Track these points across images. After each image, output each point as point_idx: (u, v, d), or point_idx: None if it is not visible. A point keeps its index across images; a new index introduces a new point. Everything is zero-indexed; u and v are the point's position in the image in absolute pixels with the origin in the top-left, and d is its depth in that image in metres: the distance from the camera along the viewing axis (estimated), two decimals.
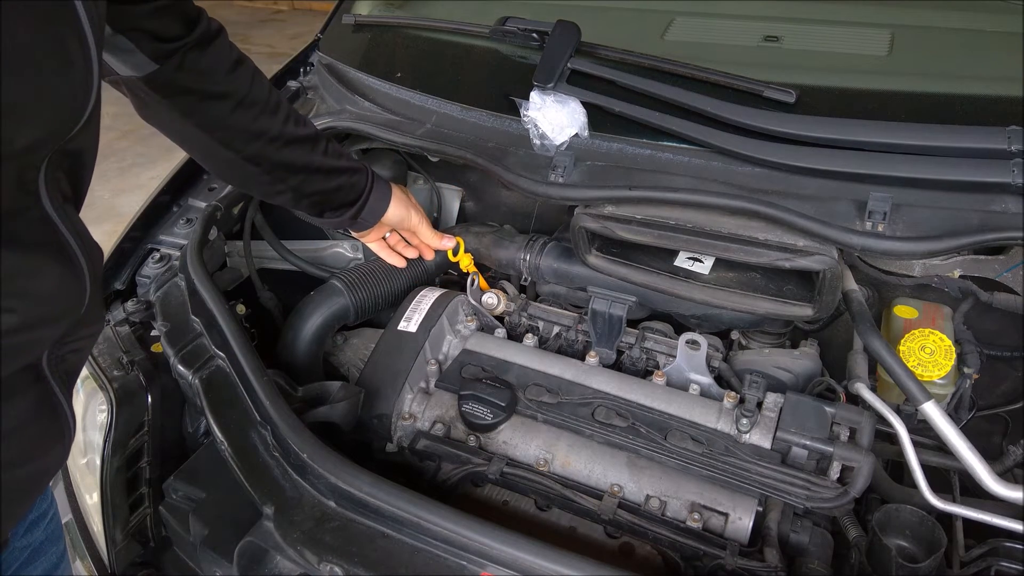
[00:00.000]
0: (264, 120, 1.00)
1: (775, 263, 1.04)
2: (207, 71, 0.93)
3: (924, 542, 0.91)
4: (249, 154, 1.01)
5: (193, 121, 0.96)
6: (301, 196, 1.09)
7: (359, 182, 1.13)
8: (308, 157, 1.06)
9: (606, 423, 1.04)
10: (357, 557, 0.82)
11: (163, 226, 1.37)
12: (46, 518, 0.96)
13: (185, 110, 0.95)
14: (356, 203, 1.13)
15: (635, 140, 1.18)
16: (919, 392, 0.96)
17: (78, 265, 0.74)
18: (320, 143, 1.07)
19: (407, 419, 1.10)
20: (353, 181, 1.12)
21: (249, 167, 1.03)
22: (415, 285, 1.34)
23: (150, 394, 1.11)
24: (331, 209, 1.13)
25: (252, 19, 7.42)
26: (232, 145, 1.00)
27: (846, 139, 1.05)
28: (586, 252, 1.19)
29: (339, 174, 1.10)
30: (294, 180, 1.06)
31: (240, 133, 0.99)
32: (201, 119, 0.97)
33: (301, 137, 1.05)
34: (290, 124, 1.03)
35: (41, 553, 0.95)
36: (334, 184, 1.10)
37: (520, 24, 1.34)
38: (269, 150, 1.02)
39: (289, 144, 1.03)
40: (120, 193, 4.15)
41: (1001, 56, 1.21)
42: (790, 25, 1.37)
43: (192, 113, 0.95)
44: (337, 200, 1.13)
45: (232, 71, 0.96)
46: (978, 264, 1.17)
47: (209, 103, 0.96)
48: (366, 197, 1.14)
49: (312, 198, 1.10)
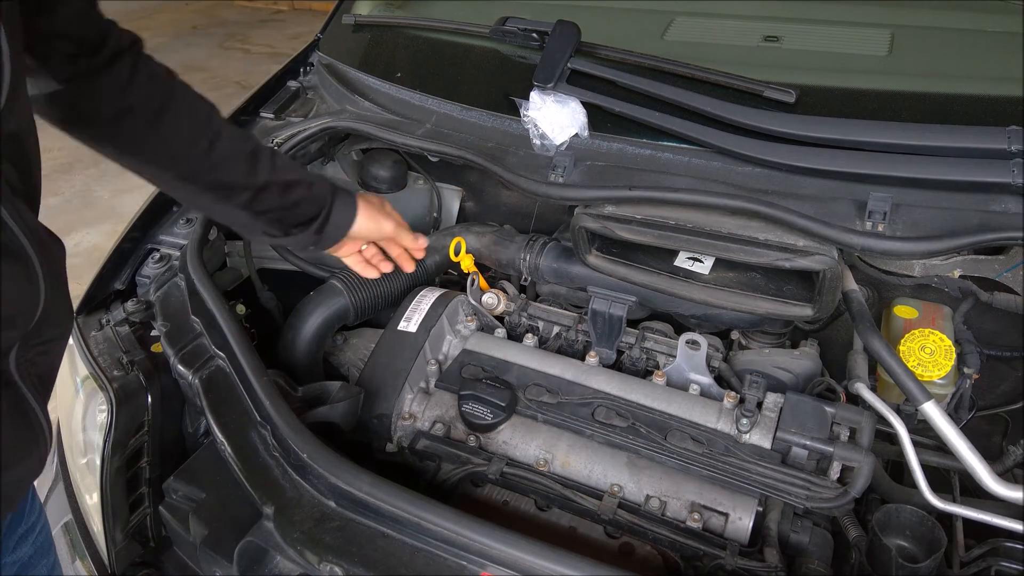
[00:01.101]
0: (190, 134, 0.93)
1: (775, 263, 1.04)
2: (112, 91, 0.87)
3: (924, 542, 0.91)
4: (181, 173, 0.95)
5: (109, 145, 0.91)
6: (256, 214, 1.01)
7: (319, 194, 1.05)
8: (250, 171, 0.98)
9: (606, 423, 1.04)
10: (357, 557, 0.82)
11: (163, 226, 1.37)
12: (34, 532, 0.94)
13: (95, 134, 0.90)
14: (318, 217, 1.05)
15: (635, 140, 1.18)
16: (919, 392, 0.96)
17: (30, 265, 0.70)
18: (262, 156, 0.99)
19: (407, 419, 1.10)
20: (313, 194, 1.04)
21: (187, 185, 0.96)
22: (415, 285, 1.34)
23: (150, 394, 1.11)
24: (293, 226, 1.04)
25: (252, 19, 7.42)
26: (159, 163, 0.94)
27: (846, 139, 1.05)
28: (586, 252, 1.19)
29: (294, 188, 1.02)
30: (241, 197, 0.98)
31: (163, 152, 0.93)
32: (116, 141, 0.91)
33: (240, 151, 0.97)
34: (224, 139, 0.96)
35: (30, 568, 0.93)
36: (290, 199, 1.02)
37: (520, 24, 1.34)
38: (202, 168, 0.95)
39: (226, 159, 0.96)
40: (120, 193, 4.15)
41: (1001, 56, 1.21)
42: (790, 25, 1.37)
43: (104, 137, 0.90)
44: (298, 216, 1.04)
45: (147, 84, 0.90)
46: (978, 264, 1.17)
47: (119, 123, 0.90)
48: (328, 209, 1.05)
49: (269, 215, 1.01)
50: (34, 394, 0.76)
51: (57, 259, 0.77)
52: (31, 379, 0.76)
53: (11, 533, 0.90)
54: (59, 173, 4.37)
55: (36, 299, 0.72)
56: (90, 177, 4.32)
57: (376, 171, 1.49)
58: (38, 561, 0.95)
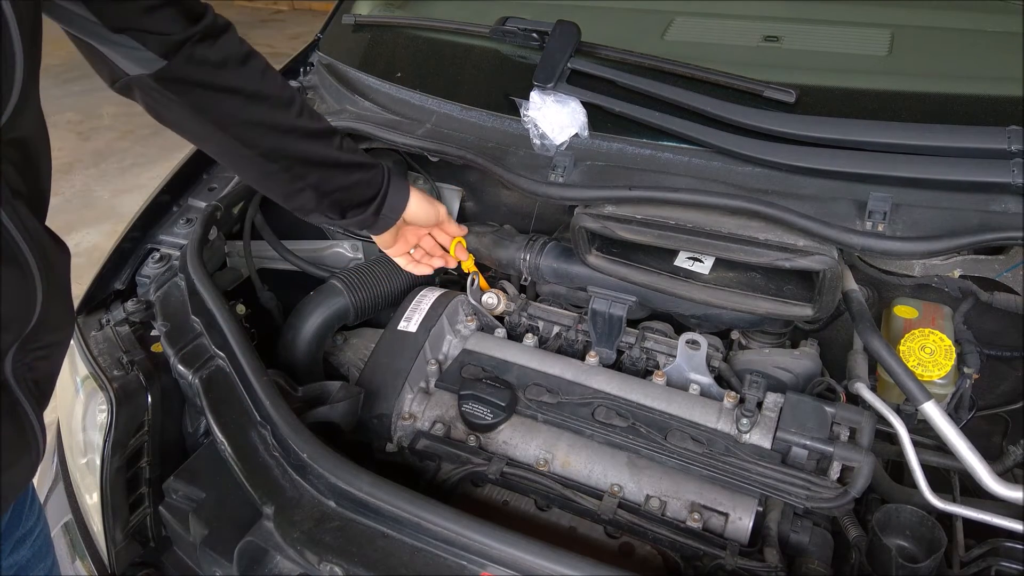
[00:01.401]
0: (278, 114, 0.98)
1: (775, 263, 1.04)
2: (217, 65, 0.91)
3: (924, 542, 0.91)
4: (265, 150, 0.99)
5: (206, 117, 0.94)
6: (322, 194, 1.06)
7: (376, 177, 1.10)
8: (325, 151, 1.03)
9: (606, 423, 1.04)
10: (357, 557, 0.82)
11: (163, 226, 1.37)
12: (32, 535, 0.94)
13: (197, 106, 0.93)
14: (376, 198, 1.10)
15: (635, 140, 1.18)
16: (919, 392, 0.96)
17: (26, 269, 0.70)
18: (335, 138, 1.05)
19: (407, 419, 1.10)
20: (370, 176, 1.09)
21: (267, 164, 1.00)
22: (415, 285, 1.34)
23: (150, 394, 1.11)
24: (353, 207, 1.09)
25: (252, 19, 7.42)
26: (248, 141, 0.97)
27: (846, 139, 1.05)
28: (586, 252, 1.19)
29: (356, 169, 1.07)
30: (313, 176, 1.04)
31: (254, 128, 0.97)
32: (214, 115, 0.94)
33: (316, 131, 1.02)
34: (304, 118, 1.01)
35: (28, 570, 0.93)
36: (353, 179, 1.07)
37: (520, 24, 1.34)
38: (285, 145, 1.00)
39: (305, 138, 1.01)
40: (120, 193, 4.15)
41: (1001, 56, 1.21)
42: (790, 25, 1.37)
43: (205, 109, 0.93)
44: (358, 197, 1.09)
45: (242, 64, 0.94)
46: (978, 264, 1.17)
47: (221, 97, 0.93)
48: (385, 191, 1.11)
49: (333, 196, 1.07)
50: (29, 399, 0.76)
51: (59, 264, 0.77)
52: (27, 384, 0.75)
53: (8, 536, 0.90)
54: (59, 173, 4.37)
55: (32, 304, 0.72)
56: (90, 177, 4.33)
57: None
58: (36, 564, 0.95)
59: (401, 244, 1.22)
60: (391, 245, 1.21)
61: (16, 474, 0.78)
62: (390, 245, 1.21)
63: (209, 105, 0.93)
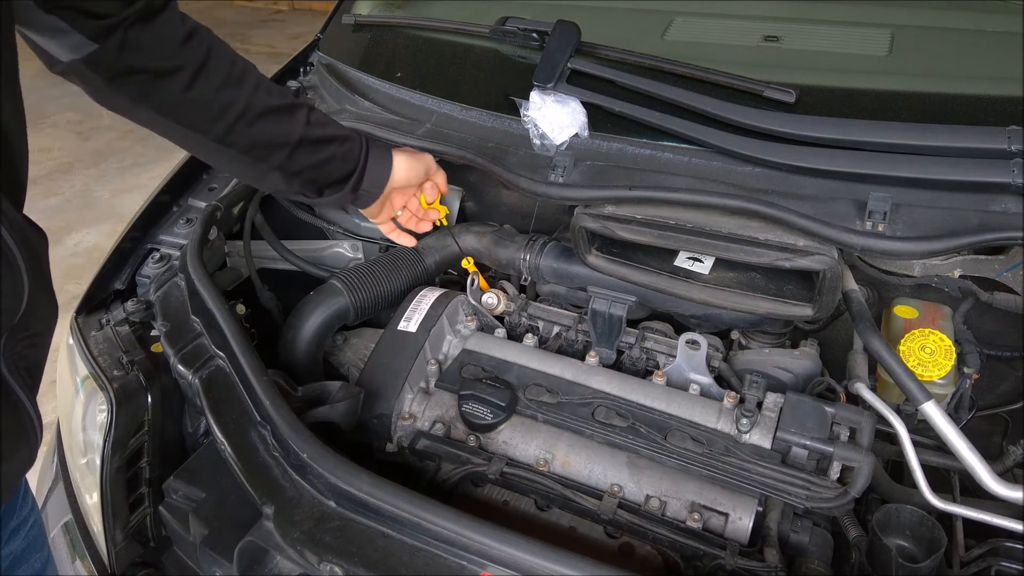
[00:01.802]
0: (227, 93, 0.90)
1: (775, 263, 1.04)
2: (153, 46, 0.84)
3: (924, 542, 0.91)
4: (218, 134, 0.92)
5: (147, 104, 0.88)
6: (291, 175, 0.99)
7: (352, 150, 1.02)
8: (286, 129, 0.95)
9: (606, 423, 1.04)
10: (357, 557, 0.82)
11: (163, 226, 1.37)
12: (27, 525, 0.94)
13: (135, 94, 0.86)
14: (353, 174, 1.02)
15: (635, 140, 1.18)
16: (919, 392, 0.96)
17: (12, 261, 0.70)
18: (299, 112, 0.97)
19: (407, 419, 1.10)
20: (345, 150, 1.02)
21: (223, 149, 0.94)
22: (415, 285, 1.34)
23: (150, 394, 1.11)
24: (329, 185, 1.02)
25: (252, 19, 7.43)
26: (196, 126, 0.90)
27: (846, 139, 1.05)
28: (586, 252, 1.19)
29: (327, 144, 1.00)
30: (276, 158, 0.96)
31: (201, 112, 0.90)
32: (155, 100, 0.88)
33: (275, 108, 0.95)
34: (260, 94, 0.93)
35: (23, 561, 0.93)
36: (324, 155, 0.99)
37: (520, 24, 1.34)
38: (239, 127, 0.92)
39: (261, 117, 0.93)
40: (120, 193, 4.15)
41: (1001, 56, 1.21)
42: (790, 25, 1.37)
43: (144, 95, 0.87)
44: (333, 174, 1.02)
45: (183, 44, 0.87)
46: (978, 264, 1.17)
47: (160, 82, 0.86)
48: (363, 165, 1.03)
49: (303, 175, 0.99)
50: (22, 387, 0.76)
51: (40, 253, 0.76)
52: (19, 372, 0.75)
53: (3, 527, 0.90)
54: (59, 173, 4.37)
55: (20, 294, 0.72)
56: (90, 177, 4.33)
57: None
58: (31, 555, 0.95)
59: (387, 211, 1.15)
60: (377, 214, 1.14)
61: (16, 463, 0.78)
62: (376, 214, 1.14)
63: (148, 90, 0.87)
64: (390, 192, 1.10)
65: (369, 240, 1.51)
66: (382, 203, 1.11)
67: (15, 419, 0.75)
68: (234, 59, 0.92)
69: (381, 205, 1.12)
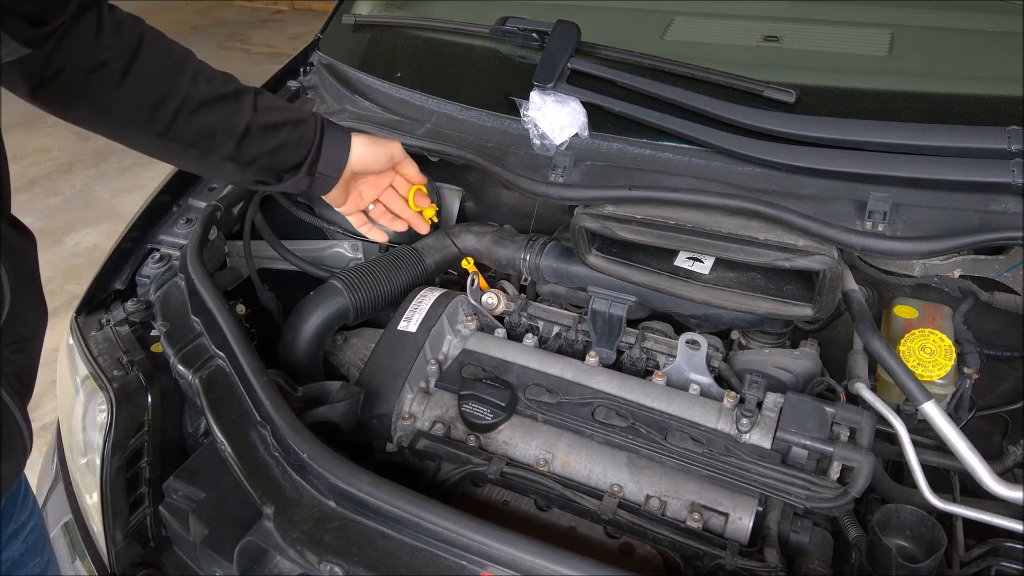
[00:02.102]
0: (163, 84, 0.86)
1: (775, 263, 1.04)
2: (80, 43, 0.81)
3: (924, 542, 0.91)
4: (159, 128, 0.87)
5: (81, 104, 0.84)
6: (244, 164, 0.95)
7: (306, 133, 0.98)
8: (231, 118, 0.91)
9: (606, 423, 1.04)
10: (357, 557, 0.82)
11: (163, 226, 1.37)
12: (25, 530, 0.93)
13: (67, 94, 0.82)
14: (307, 158, 0.98)
15: (635, 140, 1.18)
16: (919, 392, 0.96)
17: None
18: (244, 98, 0.93)
19: (407, 419, 1.10)
20: (299, 133, 0.97)
21: (169, 143, 0.89)
22: (415, 285, 1.34)
23: (150, 394, 1.11)
24: (285, 171, 0.98)
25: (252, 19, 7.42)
26: (135, 122, 0.86)
27: (846, 139, 1.05)
28: (586, 252, 1.19)
29: (278, 129, 0.95)
30: (225, 148, 0.92)
31: (137, 105, 0.86)
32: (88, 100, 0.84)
33: (218, 96, 0.90)
34: (200, 83, 0.89)
35: (21, 566, 0.93)
36: (276, 142, 0.95)
37: (520, 24, 1.34)
38: (181, 119, 0.88)
39: (204, 106, 0.89)
40: (120, 193, 4.15)
41: (1001, 56, 1.21)
42: (790, 25, 1.37)
43: (75, 95, 0.83)
44: (288, 160, 0.97)
45: (113, 35, 0.83)
46: (978, 264, 1.17)
47: (90, 78, 0.82)
48: (316, 149, 0.99)
49: (257, 163, 0.95)
50: (10, 393, 0.75)
51: (26, 258, 0.75)
52: (6, 378, 0.74)
53: (0, 531, 0.89)
54: (59, 173, 4.37)
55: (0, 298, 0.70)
56: (90, 177, 4.33)
57: None
58: (29, 560, 0.94)
59: (355, 200, 1.10)
60: (343, 203, 1.09)
61: (6, 469, 0.77)
62: (342, 203, 1.09)
63: (79, 90, 0.83)
64: (351, 177, 1.06)
65: (369, 240, 1.51)
66: (345, 190, 1.07)
67: (5, 427, 0.74)
68: (169, 48, 0.88)
69: (344, 192, 1.07)
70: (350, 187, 1.08)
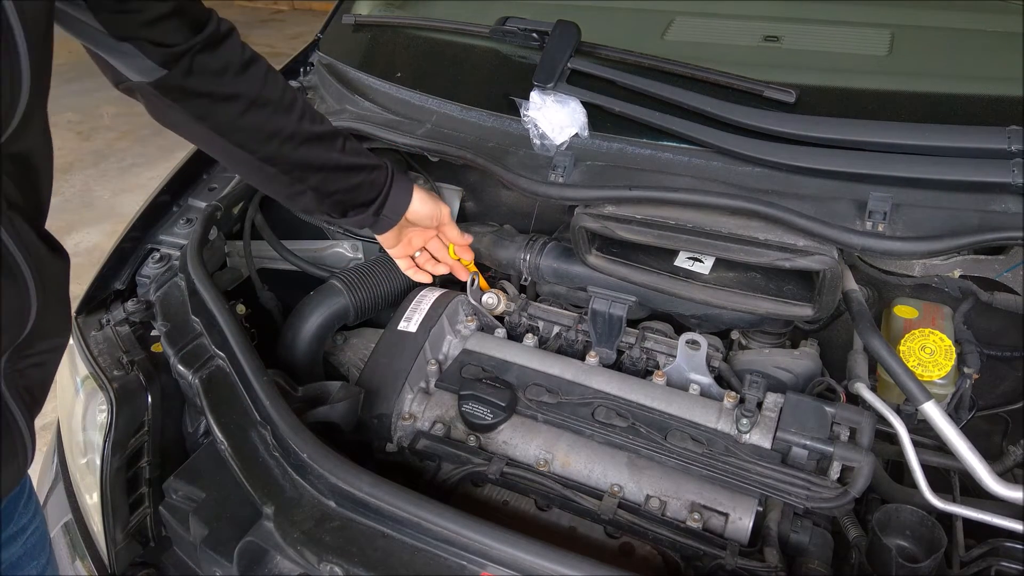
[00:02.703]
0: (278, 119, 0.98)
1: (775, 263, 1.04)
2: (217, 73, 0.92)
3: (924, 542, 0.91)
4: (265, 155, 0.99)
5: (206, 124, 0.95)
6: (323, 196, 1.07)
7: (378, 178, 1.11)
8: (326, 155, 1.04)
9: (606, 423, 1.04)
10: (357, 557, 0.82)
11: (163, 226, 1.37)
12: (26, 532, 0.94)
13: (197, 113, 0.93)
14: (377, 199, 1.11)
15: (635, 140, 1.18)
16: (919, 392, 0.96)
17: (21, 280, 0.70)
18: (338, 140, 1.06)
19: (407, 419, 1.10)
20: (372, 178, 1.10)
21: (267, 168, 1.01)
22: (415, 285, 1.34)
23: (150, 394, 1.11)
24: (354, 207, 1.11)
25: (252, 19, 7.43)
26: (247, 146, 0.98)
27: (846, 139, 1.05)
28: (586, 252, 1.19)
29: (358, 171, 1.08)
30: (314, 179, 1.04)
31: (254, 134, 0.98)
32: (214, 122, 0.95)
33: (318, 134, 1.03)
34: (305, 122, 1.01)
35: (18, 568, 0.93)
36: (354, 181, 1.08)
37: (520, 24, 1.34)
38: (285, 150, 1.00)
39: (306, 142, 1.01)
40: (120, 193, 4.15)
41: (1001, 56, 1.21)
42: (790, 25, 1.37)
43: (204, 116, 0.94)
44: (360, 198, 1.11)
45: (243, 71, 0.94)
46: (978, 264, 1.17)
47: (220, 105, 0.94)
48: (386, 193, 1.12)
49: (334, 197, 1.08)
50: (20, 406, 0.76)
51: (57, 274, 0.77)
52: (18, 391, 0.75)
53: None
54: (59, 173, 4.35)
55: (26, 314, 0.72)
56: (90, 177, 4.33)
57: None
58: (27, 563, 0.94)
59: (404, 246, 1.23)
60: (394, 245, 1.22)
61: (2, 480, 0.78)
62: (393, 245, 1.22)
63: (208, 112, 0.94)
64: (405, 224, 1.18)
65: (370, 240, 1.51)
66: (398, 234, 1.20)
67: (8, 439, 0.75)
68: (284, 87, 1.00)
69: (397, 237, 1.20)
70: (402, 233, 1.21)
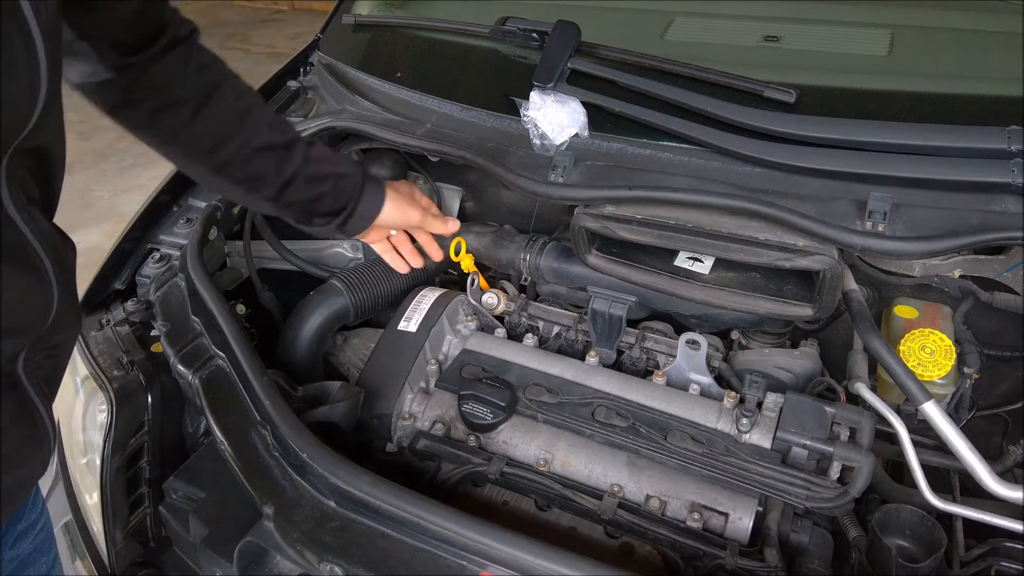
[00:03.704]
0: (228, 128, 0.93)
1: (775, 263, 1.04)
2: (162, 80, 0.87)
3: (924, 542, 0.91)
4: (216, 165, 0.94)
5: (148, 132, 0.91)
6: (282, 207, 1.02)
7: (346, 187, 1.04)
8: (280, 166, 0.97)
9: (606, 423, 1.04)
10: (357, 557, 0.82)
11: (163, 226, 1.37)
12: (35, 528, 0.94)
13: (138, 122, 0.90)
14: (344, 210, 1.04)
15: (635, 140, 1.18)
16: (919, 392, 0.96)
17: (44, 273, 0.71)
18: (296, 150, 0.98)
19: (407, 419, 1.10)
20: (340, 187, 1.03)
21: (219, 178, 0.96)
22: (415, 285, 1.34)
23: (150, 394, 1.11)
24: (318, 216, 1.04)
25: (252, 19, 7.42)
26: (195, 156, 0.94)
27: (846, 139, 1.05)
28: (586, 252, 1.19)
29: (321, 182, 1.01)
30: (268, 191, 0.98)
31: (200, 143, 0.93)
32: (156, 130, 0.91)
33: (273, 144, 0.97)
34: (263, 131, 0.95)
35: (29, 564, 0.93)
36: (316, 192, 1.01)
37: (520, 24, 1.34)
38: (236, 161, 0.95)
39: (258, 153, 0.95)
40: (120, 193, 4.15)
41: (1001, 56, 1.21)
42: (790, 25, 1.37)
43: (145, 125, 0.90)
44: (322, 208, 1.03)
45: (196, 75, 0.90)
46: (978, 264, 1.17)
47: (162, 113, 0.90)
48: (355, 203, 1.05)
49: (294, 207, 1.02)
50: (40, 395, 0.76)
51: (69, 264, 0.77)
52: (38, 381, 0.76)
53: (10, 530, 0.90)
54: None
55: (49, 306, 0.73)
56: (90, 177, 4.32)
57: (376, 171, 1.49)
58: (38, 558, 0.95)
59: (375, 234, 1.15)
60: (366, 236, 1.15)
61: (30, 469, 0.79)
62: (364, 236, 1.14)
63: (150, 120, 0.90)
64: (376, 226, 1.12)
65: None
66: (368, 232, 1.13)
67: (31, 427, 0.76)
68: (241, 94, 0.95)
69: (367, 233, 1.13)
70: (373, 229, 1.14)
